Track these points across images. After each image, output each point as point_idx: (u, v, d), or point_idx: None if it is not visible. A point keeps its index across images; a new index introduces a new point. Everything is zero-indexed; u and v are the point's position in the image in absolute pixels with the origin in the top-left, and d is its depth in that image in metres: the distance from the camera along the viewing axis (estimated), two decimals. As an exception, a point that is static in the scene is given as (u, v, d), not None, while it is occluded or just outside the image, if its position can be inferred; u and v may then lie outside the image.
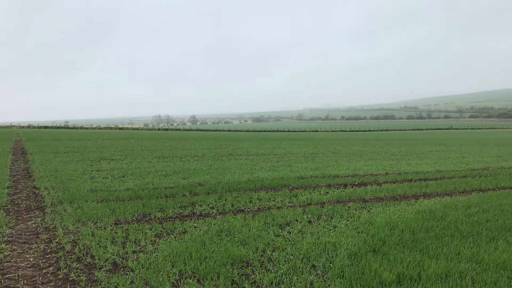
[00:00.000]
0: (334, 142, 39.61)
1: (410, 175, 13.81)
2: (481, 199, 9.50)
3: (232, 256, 5.55)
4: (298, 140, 42.08)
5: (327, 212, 8.18)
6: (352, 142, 38.74)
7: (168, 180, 12.16)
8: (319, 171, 14.58)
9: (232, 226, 7.02)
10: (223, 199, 9.50)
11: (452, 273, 4.94)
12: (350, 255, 5.54)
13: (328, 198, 9.76)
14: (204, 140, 38.18)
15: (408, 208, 8.58)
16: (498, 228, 6.94)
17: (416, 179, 12.86)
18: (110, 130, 77.90)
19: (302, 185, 11.58)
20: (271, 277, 4.89)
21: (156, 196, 9.76)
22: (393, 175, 13.80)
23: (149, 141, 35.61)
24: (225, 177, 12.86)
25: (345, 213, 8.16)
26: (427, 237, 6.38)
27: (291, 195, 10.08)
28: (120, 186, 11.11)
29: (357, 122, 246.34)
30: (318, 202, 9.32)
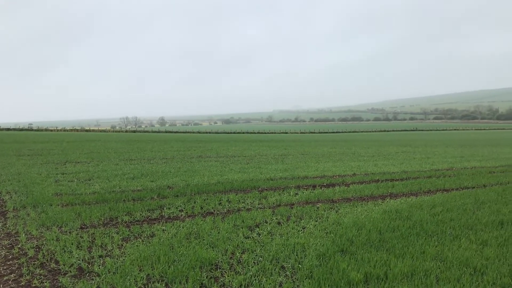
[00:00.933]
0: (303, 143, 39.95)
1: (377, 176, 14.07)
2: (445, 198, 9.76)
3: (201, 259, 5.50)
4: (268, 142, 42.24)
5: (296, 213, 8.23)
6: (321, 144, 39.18)
7: (135, 183, 11.97)
8: (288, 173, 14.66)
9: (201, 228, 6.98)
10: (192, 201, 9.42)
11: (417, 271, 5.06)
12: (318, 256, 5.59)
13: (297, 199, 9.82)
14: (173, 142, 37.82)
15: (375, 208, 8.73)
16: (461, 227, 7.15)
17: (382, 180, 13.11)
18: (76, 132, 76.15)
19: (271, 186, 11.62)
20: (240, 279, 4.88)
21: (123, 199, 9.59)
22: (361, 176, 14.02)
23: (116, 143, 34.99)
24: (194, 179, 12.76)
25: (314, 214, 8.23)
26: (394, 237, 6.50)
27: (260, 196, 10.09)
28: (86, 190, 10.86)
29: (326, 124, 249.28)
30: (288, 203, 9.37)
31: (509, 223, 7.42)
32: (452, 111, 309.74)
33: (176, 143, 36.81)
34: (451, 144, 39.39)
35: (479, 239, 6.42)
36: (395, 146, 34.53)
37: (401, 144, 39.17)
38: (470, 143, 40.53)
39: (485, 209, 8.48)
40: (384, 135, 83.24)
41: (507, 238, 6.43)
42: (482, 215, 7.92)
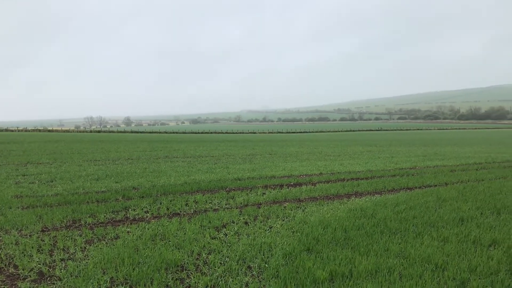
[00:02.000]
0: (271, 143, 40.12)
1: (343, 175, 14.26)
2: (408, 196, 9.98)
3: (166, 260, 5.43)
4: (236, 142, 42.20)
5: (264, 213, 8.24)
6: (289, 143, 39.43)
7: (100, 184, 11.71)
8: (256, 172, 14.68)
9: (167, 230, 6.89)
10: (158, 202, 9.29)
11: (381, 268, 5.15)
12: (285, 255, 5.61)
13: (264, 198, 9.84)
14: (138, 142, 37.24)
15: (341, 207, 8.85)
16: (423, 224, 7.32)
17: (348, 179, 13.30)
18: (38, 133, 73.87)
19: (239, 186, 11.60)
20: (206, 280, 4.84)
21: (87, 201, 9.37)
22: (327, 175, 14.19)
23: (80, 143, 34.17)
24: (160, 180, 12.60)
25: (281, 213, 8.27)
26: (358, 235, 6.60)
27: (228, 196, 10.06)
28: (48, 191, 10.55)
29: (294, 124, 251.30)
30: (255, 203, 9.37)
31: (469, 219, 7.66)
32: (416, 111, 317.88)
33: (142, 143, 36.27)
34: (414, 143, 40.40)
35: (440, 236, 6.59)
36: (361, 146, 35.13)
37: (367, 143, 39.89)
38: (432, 143, 41.67)
39: (447, 207, 8.72)
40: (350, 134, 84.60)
41: (466, 235, 6.63)
42: (443, 213, 8.14)
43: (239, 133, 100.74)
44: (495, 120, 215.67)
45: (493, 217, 7.87)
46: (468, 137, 58.72)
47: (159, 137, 60.93)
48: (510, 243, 6.15)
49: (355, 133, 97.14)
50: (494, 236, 6.50)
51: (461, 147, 32.74)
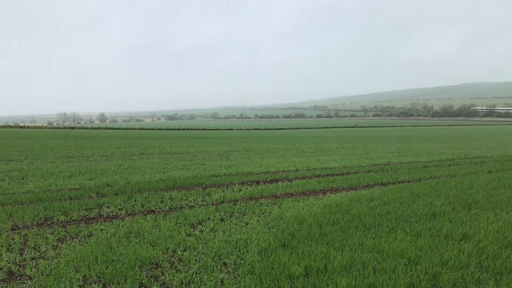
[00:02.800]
0: (248, 140, 40.12)
1: (318, 171, 14.35)
2: (382, 192, 10.12)
3: (140, 258, 5.37)
4: (212, 138, 42.01)
5: (240, 209, 8.23)
6: (265, 140, 39.50)
7: (73, 181, 11.49)
8: (232, 169, 14.64)
9: (142, 227, 6.81)
10: (132, 199, 9.17)
11: (355, 263, 5.20)
12: (260, 251, 5.62)
13: (241, 195, 9.82)
14: (113, 139, 36.70)
15: (316, 203, 8.91)
16: (397, 219, 7.43)
17: (324, 175, 13.40)
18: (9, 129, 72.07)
19: (215, 183, 11.55)
20: (181, 277, 4.81)
21: (60, 199, 9.18)
22: (303, 171, 14.26)
23: (53, 140, 33.46)
24: (135, 177, 12.44)
25: (257, 209, 8.27)
26: (333, 230, 6.65)
27: (204, 193, 10.00)
28: (19, 189, 10.29)
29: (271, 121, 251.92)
30: (231, 199, 9.35)
31: (441, 214, 7.81)
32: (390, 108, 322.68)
33: (116, 139, 35.76)
34: (389, 140, 41.00)
35: (413, 230, 6.70)
36: (336, 142, 35.45)
37: (342, 140, 40.29)
38: (406, 139, 42.37)
39: (420, 202, 8.88)
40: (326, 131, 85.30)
41: (439, 229, 6.76)
42: (416, 208, 8.28)
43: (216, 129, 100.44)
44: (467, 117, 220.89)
45: (465, 212, 8.04)
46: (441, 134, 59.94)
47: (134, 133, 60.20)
48: (480, 237, 6.30)
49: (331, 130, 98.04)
50: (465, 231, 6.64)
51: (434, 144, 33.39)
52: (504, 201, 8.98)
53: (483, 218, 7.54)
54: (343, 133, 67.45)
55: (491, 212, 7.98)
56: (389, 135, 57.91)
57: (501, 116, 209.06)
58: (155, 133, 62.26)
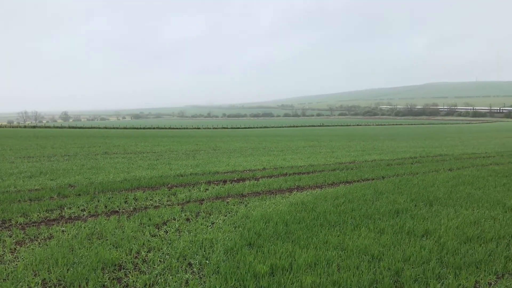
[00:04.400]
0: (215, 139, 39.94)
1: (285, 170, 14.44)
2: (347, 190, 10.26)
3: (103, 260, 5.24)
4: (179, 138, 41.60)
5: (206, 209, 8.17)
6: (233, 139, 39.44)
7: (33, 182, 11.12)
8: (199, 168, 14.54)
9: (105, 228, 6.65)
10: (95, 200, 8.96)
11: (320, 261, 5.24)
12: (226, 250, 5.59)
13: (207, 194, 9.76)
14: (76, 138, 35.80)
15: (283, 201, 8.95)
16: (361, 216, 7.55)
17: (290, 173, 13.48)
18: (-34, 128, 69.24)
19: (181, 182, 11.43)
20: (145, 278, 4.72)
21: (19, 200, 8.86)
22: (270, 170, 14.31)
23: (13, 139, 32.35)
24: (98, 177, 12.16)
25: (224, 208, 8.23)
26: (299, 228, 6.69)
27: (169, 193, 9.88)
28: (-25, 191, 9.88)
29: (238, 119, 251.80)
30: (197, 199, 9.27)
31: (404, 211, 7.98)
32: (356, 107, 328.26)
33: (80, 139, 34.90)
34: (354, 138, 41.68)
35: (377, 227, 6.82)
36: (303, 141, 35.77)
37: (309, 139, 40.69)
38: (371, 138, 43.19)
39: (383, 199, 9.05)
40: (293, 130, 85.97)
41: (401, 226, 6.90)
42: (380, 205, 8.43)
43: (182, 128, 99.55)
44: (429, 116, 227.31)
45: (426, 209, 8.25)
46: (404, 133, 61.41)
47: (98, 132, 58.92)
48: (441, 233, 6.47)
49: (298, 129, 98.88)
50: (427, 227, 6.81)
51: (398, 142, 34.17)
52: (463, 198, 9.26)
53: (444, 214, 7.75)
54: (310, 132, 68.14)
55: (452, 209, 8.22)
56: (354, 133, 58.89)
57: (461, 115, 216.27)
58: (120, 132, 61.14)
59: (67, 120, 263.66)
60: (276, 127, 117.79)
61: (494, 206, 8.46)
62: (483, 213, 7.82)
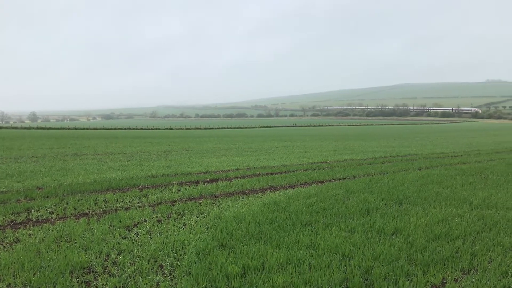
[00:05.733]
0: (188, 139, 39.66)
1: (258, 170, 14.46)
2: (319, 189, 10.36)
3: (72, 263, 5.13)
4: (151, 138, 41.12)
5: (178, 210, 8.10)
6: (206, 140, 39.25)
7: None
8: (171, 169, 14.41)
9: (74, 231, 6.52)
10: (64, 202, 8.76)
11: (292, 260, 5.27)
12: (198, 252, 5.55)
13: (179, 195, 9.68)
14: (44, 139, 34.92)
15: (256, 201, 8.96)
16: (332, 216, 7.63)
17: (263, 174, 13.51)
18: None
19: (153, 184, 11.30)
20: (115, 281, 4.65)
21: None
22: (243, 170, 14.30)
23: (-22, 141, 31.32)
24: (68, 178, 11.90)
25: (196, 210, 8.18)
26: (271, 228, 6.71)
27: (141, 194, 9.75)
28: None
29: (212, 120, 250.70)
30: (169, 200, 9.18)
31: (374, 210, 8.11)
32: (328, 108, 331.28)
33: (48, 140, 34.06)
34: (326, 138, 42.10)
35: (348, 226, 6.90)
36: (276, 141, 35.91)
37: (282, 139, 40.86)
38: (343, 138, 43.71)
39: (354, 198, 9.17)
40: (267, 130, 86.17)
41: (372, 224, 7.01)
42: (351, 204, 8.54)
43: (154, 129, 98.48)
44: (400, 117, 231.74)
45: (396, 207, 8.40)
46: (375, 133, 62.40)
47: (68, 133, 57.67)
48: (410, 231, 6.60)
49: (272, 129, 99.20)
50: (396, 225, 6.94)
51: (369, 142, 34.70)
52: (432, 196, 9.48)
53: (413, 213, 7.91)
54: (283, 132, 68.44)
55: (420, 207, 8.39)
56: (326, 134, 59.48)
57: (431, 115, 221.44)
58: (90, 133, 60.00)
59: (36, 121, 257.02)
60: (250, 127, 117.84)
61: (461, 204, 8.69)
62: (451, 211, 8.02)
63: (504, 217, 7.56)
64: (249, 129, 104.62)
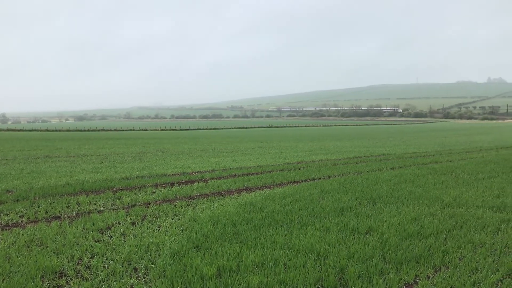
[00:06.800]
0: (163, 140, 39.32)
1: (234, 171, 14.45)
2: (295, 190, 10.41)
3: (43, 267, 5.02)
4: (125, 140, 40.61)
5: (152, 212, 8.02)
6: (182, 141, 39.00)
7: (-34, 188, 10.47)
8: (146, 171, 14.26)
9: (45, 234, 6.37)
10: (35, 205, 8.56)
11: (267, 260, 5.28)
12: (173, 254, 5.50)
13: (154, 197, 9.58)
14: (15, 141, 34.09)
15: (232, 202, 8.94)
16: (308, 215, 7.68)
17: (239, 174, 13.50)
18: None
19: (127, 186, 11.16)
20: (88, 285, 4.57)
21: (-51, 208, 8.31)
22: (219, 171, 14.26)
23: None
24: (39, 181, 11.64)
25: (171, 211, 8.11)
26: (247, 229, 6.71)
27: (114, 197, 9.61)
28: None
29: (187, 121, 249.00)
30: (144, 202, 9.08)
31: (349, 209, 8.20)
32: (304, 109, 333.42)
33: (19, 142, 33.25)
34: (302, 139, 42.39)
35: (323, 226, 6.96)
36: (253, 142, 35.96)
37: (258, 140, 40.95)
38: (318, 138, 44.08)
39: (329, 198, 9.25)
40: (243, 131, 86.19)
41: (346, 224, 7.08)
42: (326, 204, 8.61)
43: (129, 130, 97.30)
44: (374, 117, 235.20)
45: (370, 207, 8.51)
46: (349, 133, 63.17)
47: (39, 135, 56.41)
48: (383, 230, 6.70)
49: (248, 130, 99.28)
50: (370, 224, 7.03)
51: (344, 142, 35.11)
52: (405, 195, 9.64)
53: (386, 211, 8.04)
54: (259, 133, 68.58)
55: (394, 206, 8.53)
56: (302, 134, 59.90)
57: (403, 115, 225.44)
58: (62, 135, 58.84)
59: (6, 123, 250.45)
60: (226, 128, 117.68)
61: (433, 203, 8.87)
62: (423, 210, 8.17)
63: (474, 215, 7.75)
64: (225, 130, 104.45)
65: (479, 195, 9.75)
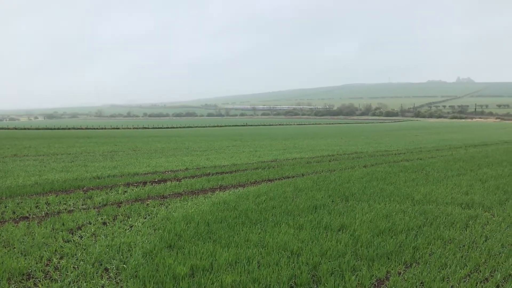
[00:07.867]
0: (136, 139, 38.79)
1: (208, 169, 14.37)
2: (269, 188, 10.43)
3: (9, 269, 4.88)
4: (96, 138, 39.87)
5: (124, 212, 7.90)
6: (155, 139, 38.55)
7: None
8: (117, 170, 14.03)
9: (12, 235, 6.20)
10: (2, 206, 8.31)
11: (241, 259, 5.27)
12: (145, 254, 5.44)
13: (126, 197, 9.44)
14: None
15: (205, 201, 8.90)
16: (282, 213, 7.71)
17: (213, 173, 13.44)
18: None
19: (98, 185, 10.95)
20: (57, 286, 4.49)
21: None
22: (193, 170, 14.16)
23: None
24: (6, 181, 11.31)
25: (143, 211, 8.01)
26: (221, 227, 6.69)
27: (85, 196, 9.43)
28: None
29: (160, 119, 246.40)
30: (115, 202, 8.93)
31: (322, 207, 8.27)
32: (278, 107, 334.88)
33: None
34: (276, 137, 42.51)
35: (296, 223, 7.00)
36: (227, 141, 35.85)
37: (232, 138, 40.86)
38: (292, 137, 44.28)
39: (303, 196, 9.31)
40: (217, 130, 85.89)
41: (319, 221, 7.14)
42: (299, 202, 8.67)
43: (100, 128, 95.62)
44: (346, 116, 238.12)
45: (342, 204, 8.61)
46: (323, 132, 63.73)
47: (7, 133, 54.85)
48: (355, 227, 6.78)
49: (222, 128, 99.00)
50: (343, 221, 7.11)
51: (317, 140, 35.38)
52: (376, 193, 9.79)
53: (359, 209, 8.14)
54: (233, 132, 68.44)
55: (366, 203, 8.65)
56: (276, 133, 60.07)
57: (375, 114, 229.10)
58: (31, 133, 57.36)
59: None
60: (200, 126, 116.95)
61: (404, 200, 9.03)
62: (394, 207, 8.31)
63: (444, 212, 7.93)
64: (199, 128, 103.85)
65: (448, 192, 9.99)
